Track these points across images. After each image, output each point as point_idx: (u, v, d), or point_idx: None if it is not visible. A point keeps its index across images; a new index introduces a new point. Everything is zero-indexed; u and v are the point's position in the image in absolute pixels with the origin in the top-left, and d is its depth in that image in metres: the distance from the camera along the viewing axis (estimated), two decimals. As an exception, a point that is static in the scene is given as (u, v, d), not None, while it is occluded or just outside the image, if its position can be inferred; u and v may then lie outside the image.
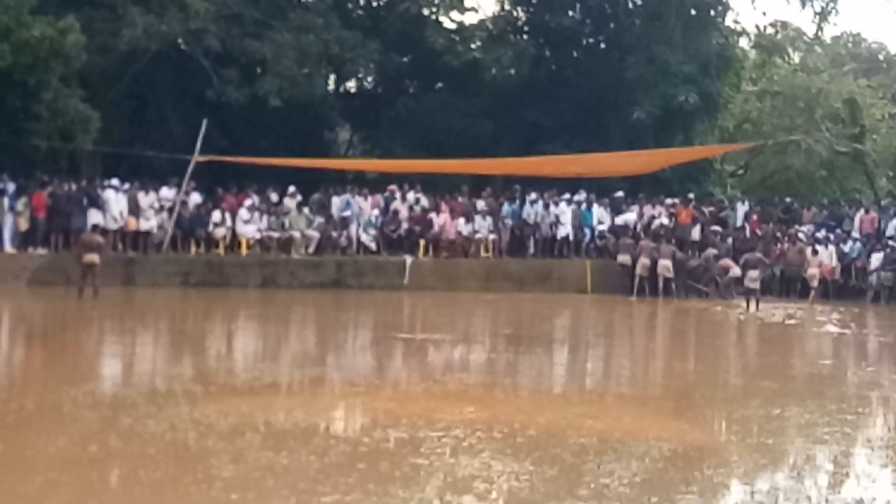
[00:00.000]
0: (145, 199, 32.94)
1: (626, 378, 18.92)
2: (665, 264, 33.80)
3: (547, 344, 23.22)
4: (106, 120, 34.94)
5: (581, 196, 37.26)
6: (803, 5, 45.55)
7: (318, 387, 16.30)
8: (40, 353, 19.58)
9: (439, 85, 45.98)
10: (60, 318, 25.52)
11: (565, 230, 36.08)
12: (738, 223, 38.72)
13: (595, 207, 36.98)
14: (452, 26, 45.73)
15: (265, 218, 34.26)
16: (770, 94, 50.79)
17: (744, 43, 52.30)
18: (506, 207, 36.44)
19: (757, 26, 53.28)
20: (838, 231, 37.46)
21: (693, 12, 43.67)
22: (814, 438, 13.29)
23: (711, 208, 39.26)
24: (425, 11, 44.37)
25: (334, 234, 34.67)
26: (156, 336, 22.92)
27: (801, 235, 36.58)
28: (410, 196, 36.42)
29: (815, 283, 34.87)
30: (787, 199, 42.87)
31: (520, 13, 46.42)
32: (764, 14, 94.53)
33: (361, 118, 47.58)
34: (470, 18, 46.65)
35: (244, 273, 32.99)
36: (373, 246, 34.99)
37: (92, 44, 34.88)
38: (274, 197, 35.12)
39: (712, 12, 44.85)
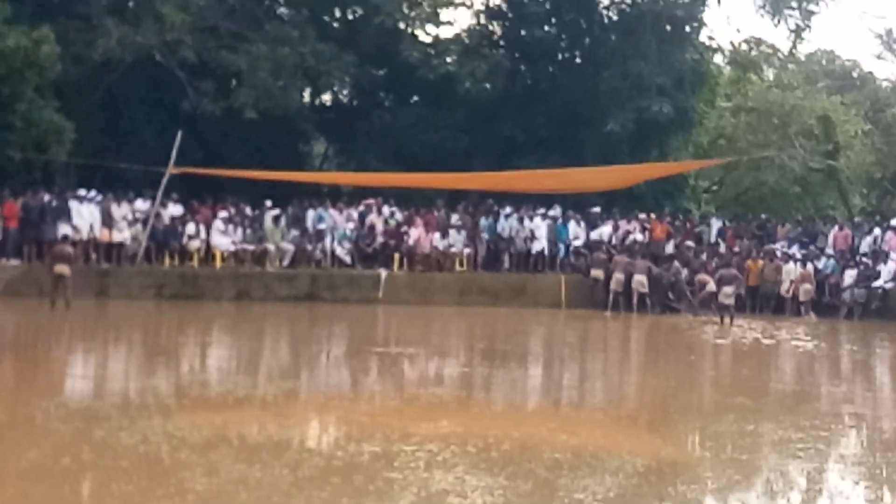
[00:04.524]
0: (118, 210, 32.79)
1: (600, 393, 18.95)
2: (640, 279, 33.82)
3: (521, 358, 23.21)
4: (80, 131, 34.81)
5: (556, 211, 37.27)
6: (777, 22, 45.73)
7: (292, 400, 16.27)
8: (12, 365, 19.48)
9: (415, 98, 45.96)
10: (33, 329, 25.40)
11: (540, 245, 36.06)
12: (713, 239, 38.79)
13: (570, 223, 36.99)
14: (428, 40, 45.73)
15: (239, 230, 34.18)
16: (744, 110, 50.88)
17: (718, 59, 52.48)
18: (482, 222, 36.42)
19: (731, 43, 53.48)
20: (812, 248, 37.55)
21: (668, 28, 43.77)
22: (787, 454, 13.33)
23: (686, 223, 39.33)
24: (401, 25, 44.35)
25: (309, 247, 34.60)
26: (129, 348, 22.84)
27: (776, 252, 36.64)
28: (385, 210, 36.40)
29: (804, 298, 35.09)
30: (762, 216, 42.98)
31: (495, 27, 46.42)
32: (738, 31, 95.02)
33: (336, 131, 47.49)
34: (445, 32, 46.55)
35: (218, 286, 32.89)
36: (347, 259, 34.93)
37: (66, 54, 34.75)
38: (248, 210, 35.04)
39: (687, 28, 44.97)
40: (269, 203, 34.98)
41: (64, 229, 30.62)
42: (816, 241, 38.10)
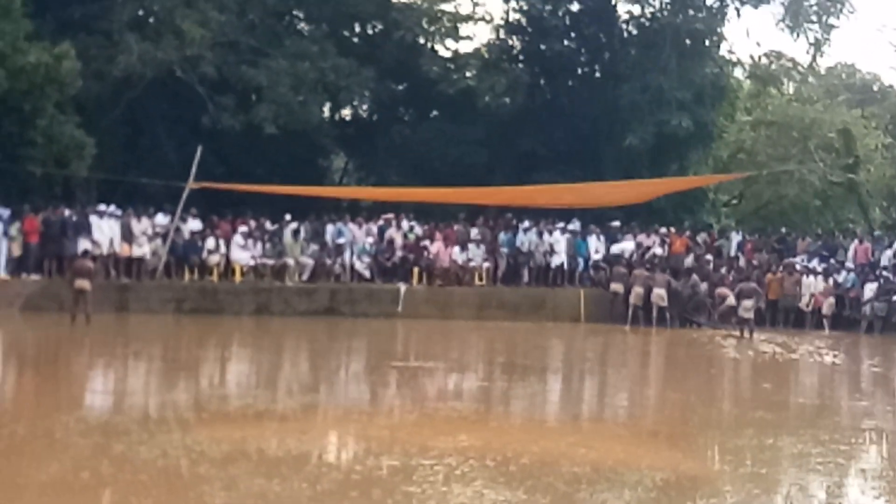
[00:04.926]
0: (138, 225, 32.87)
1: (620, 407, 18.91)
2: (659, 293, 33.77)
3: (540, 373, 23.18)
4: (101, 146, 34.92)
5: (575, 225, 37.22)
6: (797, 36, 45.64)
7: (311, 414, 16.28)
8: (33, 380, 19.54)
9: (434, 113, 46.03)
10: (53, 344, 25.47)
11: (559, 259, 36.03)
12: (733, 253, 38.71)
13: (590, 237, 36.93)
14: (447, 54, 45.80)
15: (259, 245, 34.23)
16: (764, 123, 50.82)
17: (738, 73, 52.42)
18: (501, 236, 36.40)
19: (751, 56, 53.49)
20: (832, 261, 37.47)
21: (688, 42, 43.74)
22: (807, 468, 13.30)
23: (706, 237, 39.26)
24: (421, 40, 44.46)
25: (328, 261, 34.63)
26: (149, 363, 22.86)
27: (796, 266, 36.56)
28: (405, 224, 36.41)
29: (826, 312, 35.12)
30: (782, 230, 42.90)
31: (515, 41, 46.48)
32: (758, 44, 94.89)
33: (356, 146, 47.58)
34: (465, 47, 46.60)
35: (238, 300, 32.93)
36: (367, 273, 34.94)
37: (87, 70, 34.90)
38: (268, 224, 35.07)
39: (707, 42, 44.94)
40: (288, 217, 35.00)
41: (84, 244, 30.71)
42: (836, 255, 38.00)
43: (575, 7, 45.46)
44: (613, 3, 45.62)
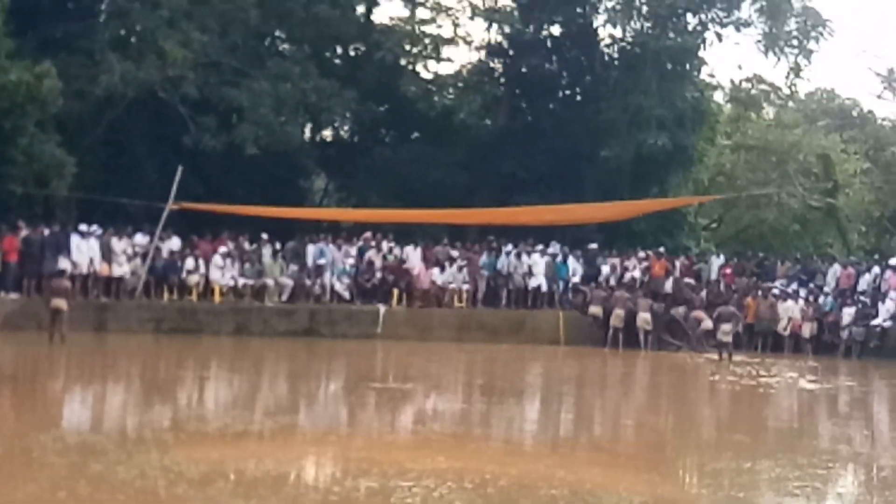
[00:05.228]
0: (118, 244, 32.80)
1: (598, 430, 18.94)
2: (644, 317, 33.86)
3: (519, 395, 23.20)
4: (81, 165, 34.85)
5: (555, 248, 37.27)
6: (777, 60, 45.81)
7: (290, 435, 16.27)
8: (9, 399, 19.47)
9: (415, 135, 46.09)
10: (31, 363, 25.39)
11: (537, 280, 36.06)
12: (713, 276, 38.80)
13: (569, 259, 36.98)
14: (429, 76, 45.93)
15: (238, 265, 34.18)
16: (744, 147, 51.10)
17: (719, 97, 52.65)
18: (483, 258, 36.40)
19: (731, 80, 53.72)
20: (811, 286, 37.59)
21: (668, 65, 43.86)
22: (784, 492, 13.33)
23: (685, 261, 39.33)
24: (402, 61, 44.57)
25: (308, 282, 34.60)
26: (127, 382, 22.81)
27: (774, 290, 36.65)
28: (384, 245, 36.39)
29: (807, 336, 35.25)
30: (761, 254, 43.04)
31: (496, 63, 46.60)
32: (739, 68, 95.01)
33: (337, 167, 47.60)
34: (446, 69, 46.76)
35: (217, 320, 32.88)
36: (346, 294, 34.92)
37: (68, 89, 34.82)
38: (247, 244, 35.03)
39: (687, 66, 45.10)
40: (264, 236, 34.94)
41: (63, 263, 30.62)
42: (815, 279, 38.12)
43: (556, 30, 45.62)
44: (595, 25, 45.79)
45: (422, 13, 45.99)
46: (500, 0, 45.48)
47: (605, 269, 37.09)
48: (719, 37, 44.95)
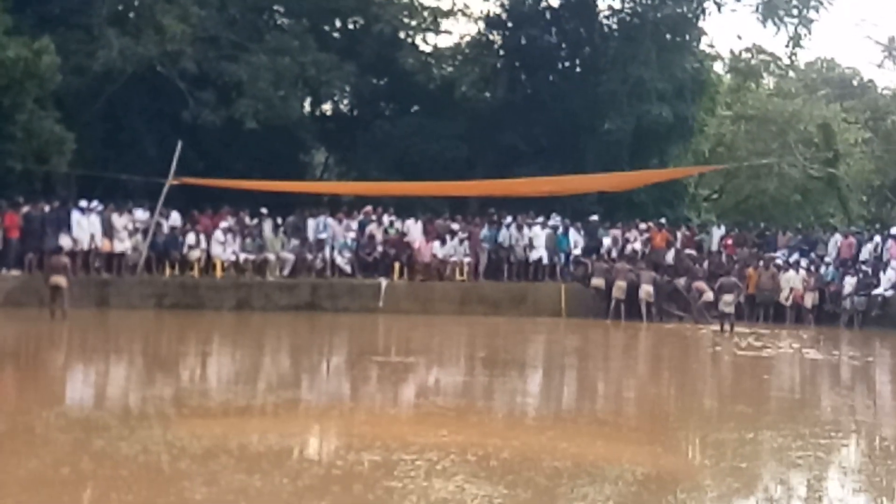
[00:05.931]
0: (119, 220, 32.82)
1: (601, 402, 18.94)
2: (647, 289, 33.85)
3: (521, 367, 23.19)
4: (81, 141, 34.86)
5: (556, 220, 37.24)
6: (777, 30, 45.63)
7: (292, 409, 16.26)
8: (12, 375, 19.47)
9: (415, 108, 46.03)
10: (33, 339, 25.39)
11: (538, 253, 36.03)
12: (714, 247, 38.79)
13: (571, 231, 36.95)
14: (428, 49, 45.82)
15: (239, 240, 34.17)
16: (744, 118, 51.04)
17: (718, 67, 52.53)
18: (484, 231, 36.37)
19: (731, 51, 53.58)
20: (812, 255, 37.55)
21: (668, 36, 43.82)
22: (787, 463, 13.33)
23: (686, 232, 39.30)
24: (401, 34, 44.49)
25: (309, 256, 34.61)
26: (129, 358, 22.80)
27: (776, 261, 36.59)
28: (385, 219, 36.36)
29: (809, 306, 35.22)
30: (762, 224, 42.99)
31: (495, 36, 46.51)
32: (739, 38, 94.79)
33: (337, 141, 47.58)
34: (445, 41, 46.78)
35: (219, 295, 32.90)
36: (347, 269, 34.91)
37: (67, 65, 34.81)
38: (248, 219, 35.01)
39: (687, 36, 44.99)
40: (264, 211, 34.93)
41: (63, 240, 30.62)
42: (816, 249, 38.07)
43: (555, 1, 45.54)
44: (593, -4, 45.68)
45: (420, -15, 45.92)
46: (498, -29, 45.42)
47: (607, 241, 37.06)
48: (718, 6, 44.85)
